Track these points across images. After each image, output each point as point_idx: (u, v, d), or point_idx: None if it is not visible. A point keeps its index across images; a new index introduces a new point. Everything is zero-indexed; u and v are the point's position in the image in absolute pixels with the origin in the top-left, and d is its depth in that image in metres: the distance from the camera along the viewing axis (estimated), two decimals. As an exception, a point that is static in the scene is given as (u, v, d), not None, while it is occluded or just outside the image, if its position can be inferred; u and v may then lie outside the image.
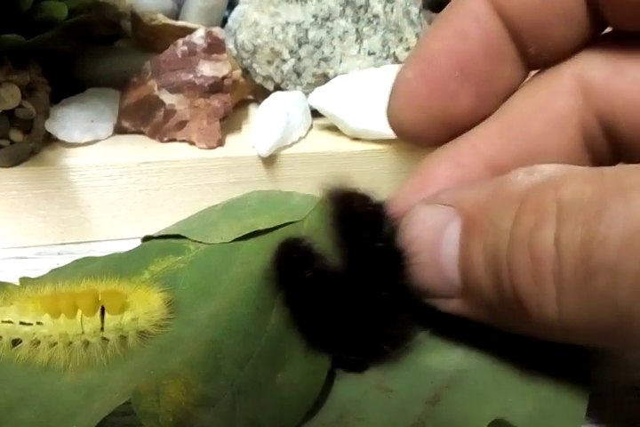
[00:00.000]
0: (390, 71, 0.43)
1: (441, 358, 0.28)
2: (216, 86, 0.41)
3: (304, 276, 0.26)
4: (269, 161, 0.41)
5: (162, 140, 0.42)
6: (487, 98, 0.29)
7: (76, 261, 0.36)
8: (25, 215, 0.40)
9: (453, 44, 0.28)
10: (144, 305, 0.29)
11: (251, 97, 0.49)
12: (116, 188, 0.41)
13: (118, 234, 0.42)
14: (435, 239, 0.26)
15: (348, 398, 0.27)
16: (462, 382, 0.27)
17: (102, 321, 0.28)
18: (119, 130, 0.43)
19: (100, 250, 0.39)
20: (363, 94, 0.42)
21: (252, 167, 0.41)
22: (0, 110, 0.38)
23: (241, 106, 0.48)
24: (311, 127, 0.45)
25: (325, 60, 0.44)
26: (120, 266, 0.33)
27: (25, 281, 0.33)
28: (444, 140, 0.30)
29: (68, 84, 0.44)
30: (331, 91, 0.42)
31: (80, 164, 0.40)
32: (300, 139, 0.43)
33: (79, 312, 0.28)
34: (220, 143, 0.42)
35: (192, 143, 0.42)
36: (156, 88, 0.41)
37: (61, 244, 0.42)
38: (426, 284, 0.26)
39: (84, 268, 0.34)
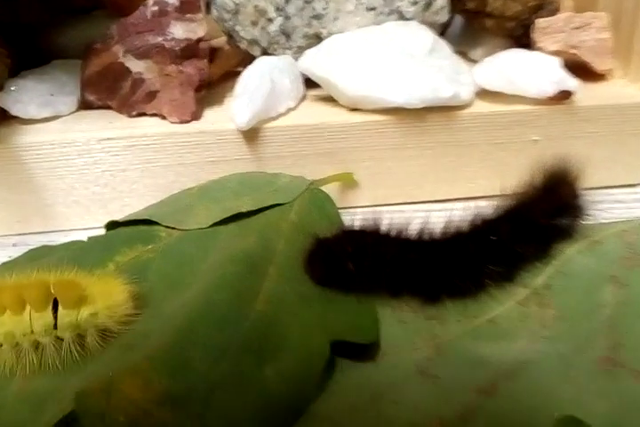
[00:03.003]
0: (393, 29, 0.41)
1: (499, 348, 0.28)
2: (190, 51, 0.40)
3: None
4: (251, 136, 0.40)
5: (130, 115, 0.41)
6: None
7: (31, 251, 0.35)
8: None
9: None
10: (105, 298, 0.28)
11: (240, 69, 0.47)
12: (75, 169, 0.39)
13: (80, 222, 0.41)
14: None
15: (383, 381, 0.26)
16: (524, 375, 0.26)
17: (55, 317, 0.27)
18: (84, 104, 0.42)
19: (61, 241, 0.37)
20: (361, 57, 0.41)
21: (231, 144, 0.40)
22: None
23: (227, 78, 0.46)
24: (304, 98, 0.43)
25: (317, 17, 0.43)
26: (81, 257, 0.32)
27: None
28: None
29: (32, 57, 0.42)
30: (323, 53, 0.41)
31: (35, 142, 0.39)
32: (290, 110, 0.42)
33: (27, 308, 0.27)
34: (195, 117, 0.40)
35: (163, 117, 0.40)
36: (120, 54, 0.40)
37: (17, 234, 0.41)
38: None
39: (40, 260, 0.33)
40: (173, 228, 0.33)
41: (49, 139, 0.39)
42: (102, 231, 0.35)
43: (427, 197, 0.43)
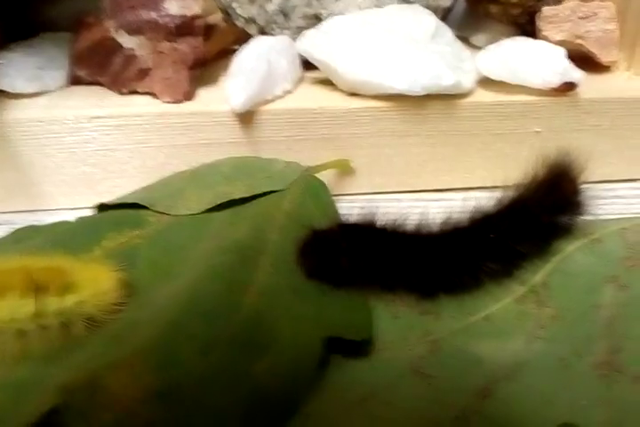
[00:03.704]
0: (396, 12, 0.40)
1: (495, 348, 0.28)
2: (184, 27, 0.39)
3: None
4: (246, 119, 0.39)
5: (121, 92, 0.40)
6: None
7: (17, 231, 0.34)
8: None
9: None
10: (92, 286, 0.27)
11: (236, 47, 0.46)
12: (64, 147, 0.39)
13: (68, 202, 0.40)
14: None
15: (376, 380, 0.26)
16: (520, 377, 0.26)
17: (39, 305, 0.26)
18: (74, 80, 0.41)
19: (47, 220, 0.36)
20: (362, 40, 0.40)
21: (225, 126, 0.39)
22: None
23: (223, 56, 0.45)
24: (301, 81, 0.42)
25: (318, -3, 0.41)
26: (66, 241, 0.32)
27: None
28: None
29: (20, 29, 0.41)
30: (323, 34, 0.40)
31: (22, 118, 0.38)
32: (286, 93, 0.41)
33: (10, 294, 0.26)
34: (188, 96, 0.40)
35: (155, 96, 0.39)
36: (112, 29, 0.39)
37: (2, 212, 0.40)
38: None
39: (25, 243, 0.32)
40: (163, 213, 0.32)
41: (37, 115, 0.38)
42: (90, 212, 0.34)
43: (424, 186, 0.42)
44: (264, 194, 0.34)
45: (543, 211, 0.30)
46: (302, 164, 0.37)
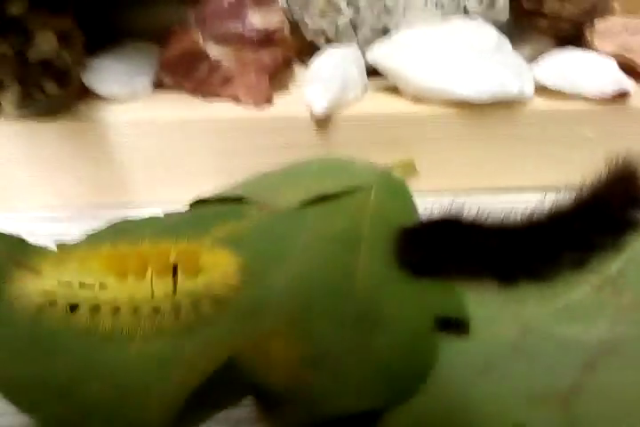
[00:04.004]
0: (460, 25, 0.43)
1: (583, 330, 0.30)
2: (266, 39, 0.43)
3: None
4: (322, 123, 0.42)
5: (204, 98, 0.43)
6: None
7: (113, 224, 0.36)
8: (59, 174, 0.42)
9: None
10: (219, 269, 0.29)
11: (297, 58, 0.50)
12: (154, 148, 0.42)
13: (154, 199, 0.43)
14: None
15: (481, 359, 0.28)
16: (617, 352, 0.28)
17: (174, 285, 0.29)
18: (158, 85, 0.44)
19: (137, 214, 0.39)
20: (430, 50, 0.43)
21: (303, 130, 0.42)
22: (36, 59, 0.38)
23: (287, 66, 0.48)
24: (367, 88, 0.45)
25: (387, 12, 0.45)
26: (176, 230, 0.34)
27: (62, 246, 0.34)
28: None
29: (101, 35, 0.44)
30: (394, 45, 0.43)
31: (118, 120, 0.41)
32: (356, 100, 0.44)
33: (149, 273, 0.29)
34: (269, 102, 0.42)
35: (238, 101, 0.42)
36: (200, 39, 0.42)
37: (95, 206, 0.43)
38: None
39: (131, 232, 0.35)
40: (263, 207, 0.35)
41: (133, 118, 0.41)
42: (176, 207, 0.37)
43: (483, 186, 0.45)
44: (352, 190, 0.36)
45: (615, 206, 0.33)
46: (376, 164, 0.40)
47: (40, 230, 0.39)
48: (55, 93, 0.40)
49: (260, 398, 0.26)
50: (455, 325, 0.30)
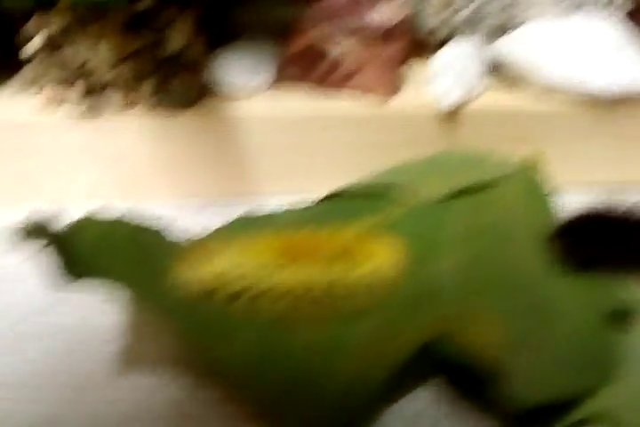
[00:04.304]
0: (585, 19, 0.43)
1: None
2: (389, 33, 0.42)
3: None
4: (448, 118, 0.42)
5: (327, 93, 0.43)
6: None
7: (252, 215, 0.36)
8: (187, 168, 0.42)
9: None
10: (385, 256, 0.29)
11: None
12: (278, 142, 0.42)
13: (281, 191, 0.43)
14: None
15: None
16: None
17: (343, 271, 0.29)
18: (280, 81, 0.44)
19: (263, 207, 0.40)
20: (558, 44, 0.43)
21: (427, 125, 0.42)
22: (167, 54, 0.39)
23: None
24: (487, 84, 0.45)
25: (508, 7, 0.45)
26: (321, 220, 0.34)
27: (206, 238, 0.34)
28: None
29: (221, 32, 0.45)
30: (519, 40, 0.43)
31: (244, 115, 0.41)
32: (479, 95, 0.43)
33: (315, 260, 0.29)
34: (393, 97, 0.42)
35: (361, 96, 0.42)
36: (322, 35, 0.42)
37: (224, 198, 0.43)
38: None
39: (272, 222, 0.35)
40: (406, 198, 0.35)
41: (255, 113, 0.42)
42: (302, 199, 0.37)
43: (609, 179, 0.45)
44: (493, 184, 0.36)
45: None
46: (507, 159, 0.40)
47: (171, 222, 0.39)
48: (184, 87, 0.40)
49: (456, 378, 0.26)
50: (625, 316, 0.30)
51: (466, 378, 0.27)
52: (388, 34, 0.42)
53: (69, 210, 0.29)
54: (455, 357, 0.26)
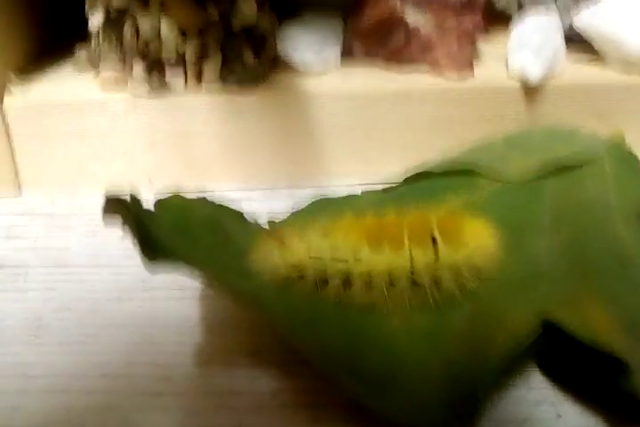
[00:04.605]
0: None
1: None
2: (468, 4, 0.40)
3: None
4: (531, 93, 0.40)
5: (400, 67, 0.41)
6: None
7: (314, 202, 0.35)
8: (257, 147, 0.41)
9: None
10: (479, 239, 0.27)
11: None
12: (351, 120, 0.40)
13: (352, 171, 0.42)
14: None
15: None
16: None
17: (436, 256, 0.27)
18: (349, 56, 0.42)
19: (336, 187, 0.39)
20: (637, 16, 0.40)
21: (509, 100, 0.40)
22: (238, 26, 0.37)
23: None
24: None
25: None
26: (403, 202, 0.32)
27: (273, 224, 0.33)
28: None
29: (285, 6, 0.43)
30: (604, 11, 0.41)
31: (315, 92, 0.40)
32: (560, 69, 0.41)
33: (407, 244, 0.27)
34: (471, 71, 0.40)
35: (438, 70, 0.40)
36: (398, 6, 0.40)
37: (293, 180, 0.42)
38: None
39: (353, 202, 0.34)
40: (493, 177, 0.33)
41: (326, 89, 0.40)
42: (360, 184, 0.36)
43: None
44: (585, 160, 0.34)
45: None
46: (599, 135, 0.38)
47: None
48: (253, 62, 0.39)
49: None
50: None
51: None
52: (464, 6, 0.40)
53: (138, 193, 0.27)
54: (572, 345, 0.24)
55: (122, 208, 0.26)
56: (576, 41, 0.43)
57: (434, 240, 0.27)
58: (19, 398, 0.26)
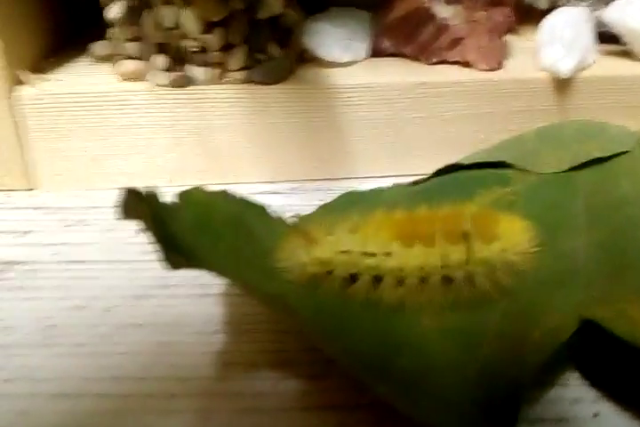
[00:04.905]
0: None
1: None
2: (496, -2, 0.39)
3: None
4: (562, 86, 0.39)
5: (429, 62, 0.40)
6: None
7: (343, 196, 0.34)
8: (282, 142, 0.40)
9: None
10: (514, 235, 0.26)
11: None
12: (378, 114, 0.39)
13: (379, 167, 0.41)
14: None
15: None
16: None
17: (469, 252, 0.26)
18: (376, 51, 0.42)
19: (354, 186, 0.38)
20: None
21: (540, 93, 0.40)
22: (264, 17, 0.36)
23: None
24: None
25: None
26: (432, 197, 0.31)
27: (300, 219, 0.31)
28: None
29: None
30: (629, 6, 0.40)
31: (342, 85, 0.39)
32: (591, 63, 0.41)
33: (439, 240, 0.26)
34: (502, 65, 0.39)
35: (467, 64, 0.39)
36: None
37: (318, 177, 0.41)
38: None
39: (383, 197, 0.33)
40: (525, 172, 0.32)
41: (354, 83, 0.39)
42: (387, 179, 0.35)
43: None
44: (616, 154, 0.34)
45: None
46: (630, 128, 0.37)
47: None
48: (278, 55, 0.38)
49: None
50: None
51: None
52: (494, -1, 0.39)
53: (158, 188, 0.25)
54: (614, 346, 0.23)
55: (140, 203, 0.24)
56: (606, 34, 0.42)
57: (467, 235, 0.25)
58: (27, 403, 0.25)
